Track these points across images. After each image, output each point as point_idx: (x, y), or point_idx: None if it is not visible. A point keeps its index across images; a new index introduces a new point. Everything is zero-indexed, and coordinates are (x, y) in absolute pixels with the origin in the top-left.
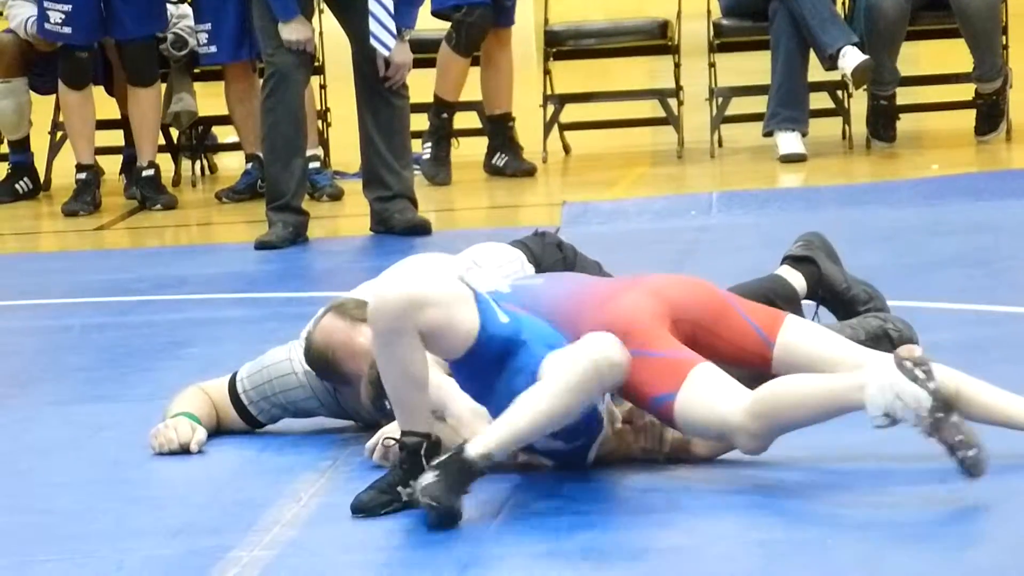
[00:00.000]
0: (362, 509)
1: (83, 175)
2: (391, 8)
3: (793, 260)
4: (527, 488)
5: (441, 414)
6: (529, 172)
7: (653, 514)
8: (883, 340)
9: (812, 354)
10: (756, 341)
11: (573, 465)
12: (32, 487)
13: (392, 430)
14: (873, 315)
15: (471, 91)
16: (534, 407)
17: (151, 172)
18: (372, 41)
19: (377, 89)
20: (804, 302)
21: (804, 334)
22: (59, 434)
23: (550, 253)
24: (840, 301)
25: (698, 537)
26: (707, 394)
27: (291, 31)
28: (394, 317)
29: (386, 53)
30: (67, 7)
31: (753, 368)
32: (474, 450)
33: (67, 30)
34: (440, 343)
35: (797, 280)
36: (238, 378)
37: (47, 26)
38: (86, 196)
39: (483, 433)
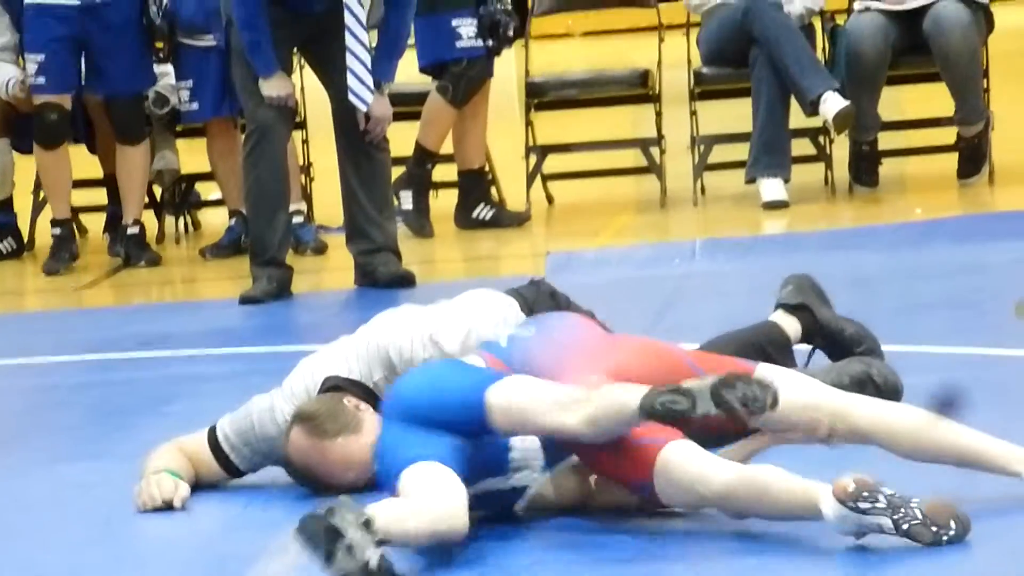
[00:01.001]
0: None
1: (58, 230)
2: (368, 63)
3: (787, 307)
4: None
5: None
6: (521, 221)
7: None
8: (867, 385)
9: (784, 406)
10: None
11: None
12: (18, 546)
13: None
14: (858, 360)
15: (445, 145)
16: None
17: (136, 230)
18: (351, 96)
19: (358, 143)
20: (797, 347)
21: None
22: (45, 492)
23: (543, 302)
24: (837, 345)
25: None
26: (684, 471)
27: (271, 87)
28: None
29: (364, 108)
30: (40, 56)
31: (721, 429)
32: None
33: (40, 79)
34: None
35: (791, 326)
36: (219, 427)
37: (28, 80)
38: (63, 252)
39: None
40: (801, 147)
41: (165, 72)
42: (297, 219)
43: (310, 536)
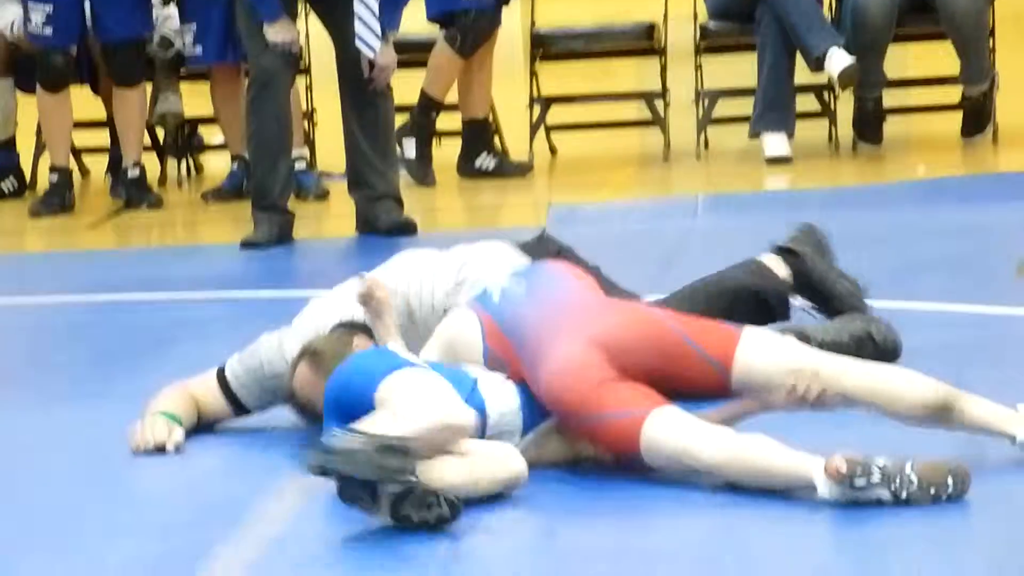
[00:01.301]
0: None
1: (55, 176)
2: (376, 10)
3: (779, 250)
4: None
5: None
6: (523, 171)
7: (633, 514)
8: (866, 343)
9: (768, 371)
10: (709, 372)
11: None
12: (15, 484)
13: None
14: (860, 316)
15: (451, 94)
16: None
17: (136, 172)
18: (357, 43)
19: (361, 90)
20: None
21: (759, 354)
22: (43, 432)
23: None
24: (821, 298)
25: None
26: (671, 444)
27: (276, 32)
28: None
29: (371, 55)
30: (48, 8)
31: (712, 394)
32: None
33: (48, 31)
34: None
35: (782, 271)
36: (228, 365)
37: (30, 28)
38: (54, 199)
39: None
40: (805, 103)
41: (170, 15)
42: (299, 165)
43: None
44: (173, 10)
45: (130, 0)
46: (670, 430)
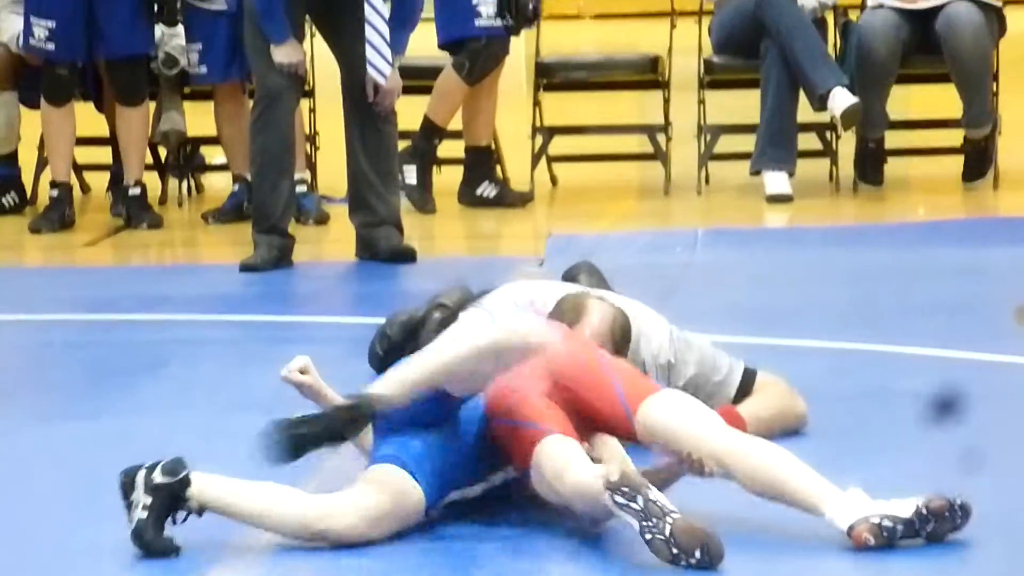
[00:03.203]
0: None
1: (56, 192)
2: (387, 36)
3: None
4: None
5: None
6: (524, 201)
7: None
8: None
9: (669, 432)
10: (618, 413)
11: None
12: (8, 501)
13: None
14: None
15: (454, 121)
16: (440, 361)
17: (137, 191)
18: (369, 68)
19: (366, 114)
20: None
21: (667, 407)
22: (38, 449)
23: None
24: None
25: None
26: (548, 469)
27: (283, 54)
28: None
29: (383, 81)
30: (51, 23)
31: (622, 437)
32: (368, 394)
33: (50, 46)
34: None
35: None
36: None
37: (32, 41)
38: (53, 214)
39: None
40: (807, 141)
41: (175, 33)
42: (300, 188)
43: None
44: (179, 28)
45: (133, 18)
46: (558, 451)
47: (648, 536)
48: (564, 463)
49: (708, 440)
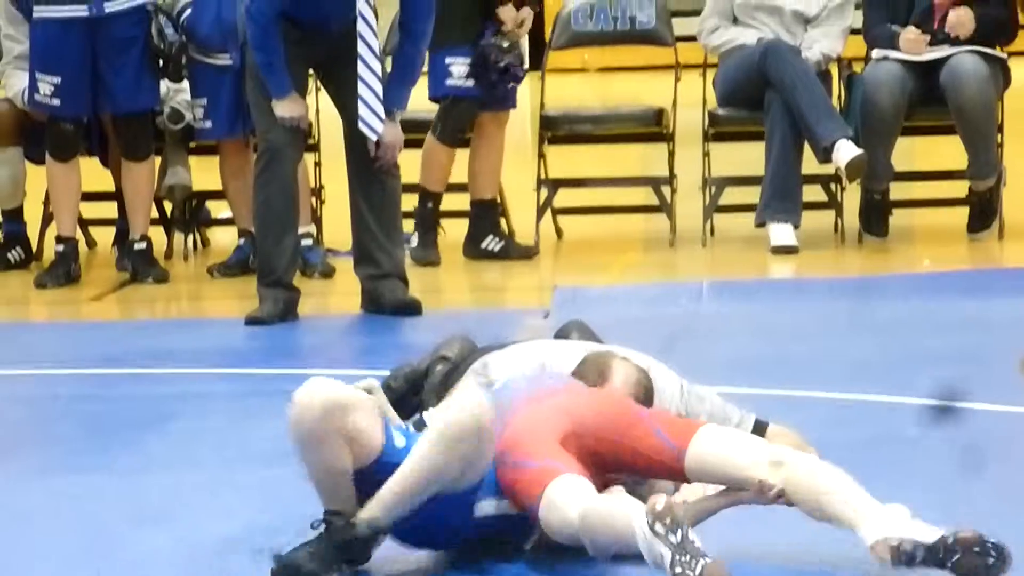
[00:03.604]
0: (286, 566)
1: (61, 247)
2: (380, 92)
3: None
4: None
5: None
6: (529, 255)
7: None
8: None
9: (722, 464)
10: (665, 452)
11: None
12: (14, 556)
13: None
14: None
15: (459, 173)
16: (416, 464)
17: (143, 245)
18: (360, 125)
19: (368, 168)
20: None
21: (717, 441)
22: (43, 503)
23: None
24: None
25: None
26: (557, 505)
27: (285, 108)
28: (320, 419)
29: (374, 137)
30: (56, 79)
31: (668, 476)
32: (360, 516)
33: (56, 102)
34: (355, 448)
35: None
36: None
37: (37, 97)
38: (59, 269)
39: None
40: (812, 193)
41: (181, 88)
42: (306, 242)
43: None
44: (184, 83)
45: (139, 74)
46: (573, 486)
47: (678, 570)
48: (582, 495)
49: (766, 469)
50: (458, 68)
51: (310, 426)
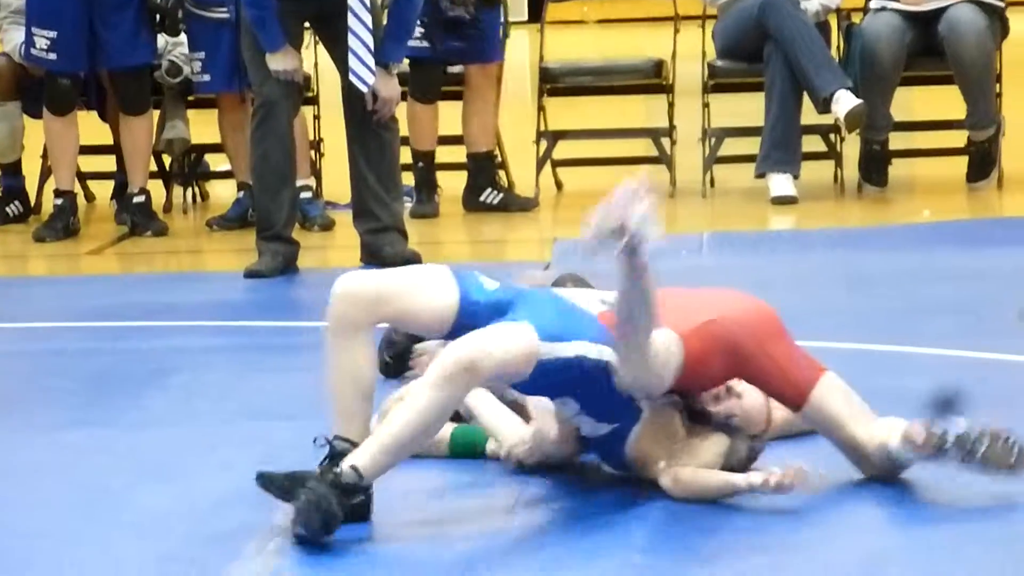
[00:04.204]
0: (264, 479)
1: (60, 201)
2: (370, 45)
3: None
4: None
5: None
6: (529, 206)
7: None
8: None
9: (838, 419)
10: (795, 378)
11: (612, 455)
12: (16, 511)
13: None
14: None
15: (455, 126)
16: (403, 414)
17: (142, 199)
18: (351, 77)
19: (366, 122)
20: None
21: (838, 397)
22: (44, 458)
23: None
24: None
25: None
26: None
27: (278, 61)
28: (358, 309)
29: (365, 89)
30: (53, 33)
31: (782, 402)
32: (346, 464)
33: (52, 56)
34: (413, 325)
35: None
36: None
37: (33, 52)
38: (58, 223)
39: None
40: (812, 144)
41: (179, 42)
42: (305, 195)
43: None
44: (182, 37)
45: (135, 29)
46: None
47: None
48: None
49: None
50: (418, 30)
51: (345, 311)
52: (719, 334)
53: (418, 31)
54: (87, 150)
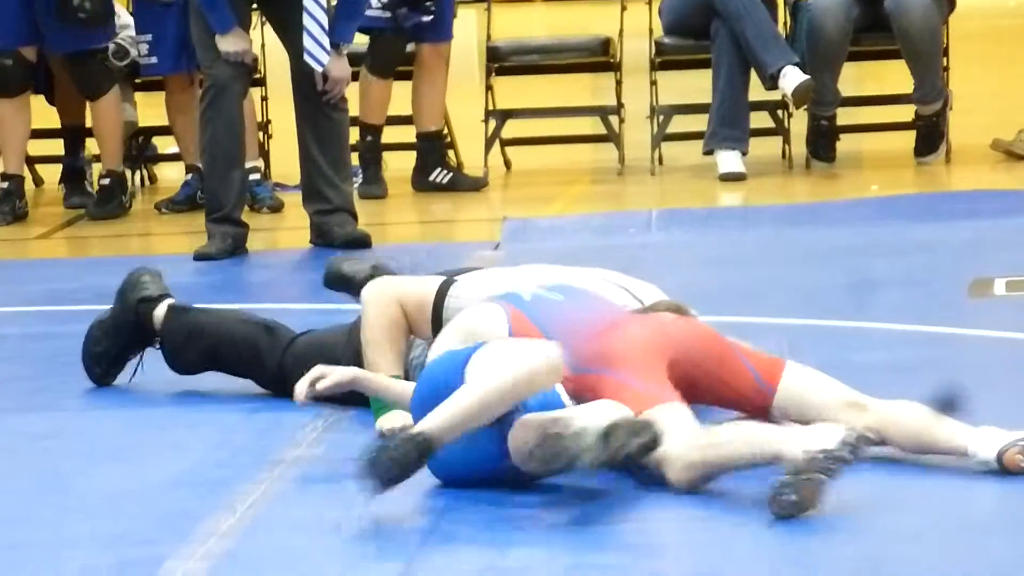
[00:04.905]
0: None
1: (7, 184)
2: (325, 24)
3: None
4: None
5: None
6: (478, 186)
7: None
8: None
9: (809, 405)
10: (754, 387)
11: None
12: None
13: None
14: None
15: (405, 106)
16: (479, 391)
17: (107, 181)
18: (305, 57)
19: (316, 103)
20: None
21: (804, 381)
22: None
23: None
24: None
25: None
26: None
27: (228, 43)
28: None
29: (319, 69)
30: None
31: (752, 412)
32: (423, 426)
33: None
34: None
35: None
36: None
37: None
38: (5, 207)
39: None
40: (760, 120)
41: (126, 24)
42: (254, 176)
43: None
44: (129, 19)
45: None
46: (676, 417)
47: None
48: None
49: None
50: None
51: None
52: (681, 372)
53: (377, 2)
54: (36, 134)
